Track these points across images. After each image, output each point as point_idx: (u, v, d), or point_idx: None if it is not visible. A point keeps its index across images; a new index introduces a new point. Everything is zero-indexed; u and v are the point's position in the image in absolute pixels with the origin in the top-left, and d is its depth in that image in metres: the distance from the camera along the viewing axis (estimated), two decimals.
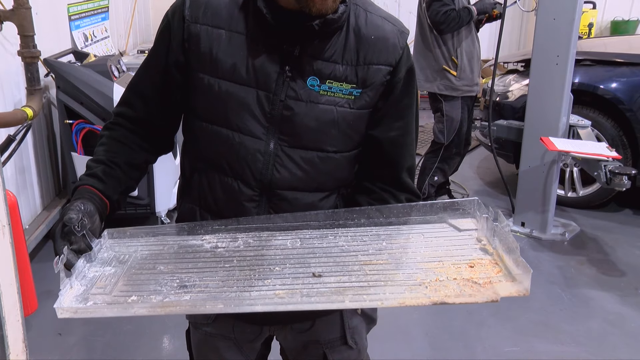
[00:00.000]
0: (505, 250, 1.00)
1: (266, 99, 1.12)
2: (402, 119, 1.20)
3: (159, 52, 1.18)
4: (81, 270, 1.00)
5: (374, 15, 1.16)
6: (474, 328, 2.78)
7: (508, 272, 0.96)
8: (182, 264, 1.05)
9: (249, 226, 1.13)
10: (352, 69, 1.13)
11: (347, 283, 0.96)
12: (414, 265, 1.01)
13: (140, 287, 0.99)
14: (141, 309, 0.93)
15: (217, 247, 1.09)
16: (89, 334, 2.67)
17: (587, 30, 6.85)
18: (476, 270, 0.98)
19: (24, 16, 2.94)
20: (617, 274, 3.30)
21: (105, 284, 0.99)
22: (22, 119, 2.90)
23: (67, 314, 0.93)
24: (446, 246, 1.07)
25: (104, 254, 1.07)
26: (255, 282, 0.98)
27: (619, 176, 3.21)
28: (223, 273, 1.01)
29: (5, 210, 0.98)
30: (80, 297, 0.96)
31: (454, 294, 0.92)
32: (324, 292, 0.94)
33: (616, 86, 3.92)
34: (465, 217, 1.14)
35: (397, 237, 1.10)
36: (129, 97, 1.24)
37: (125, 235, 1.13)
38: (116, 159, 1.18)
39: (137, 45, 5.42)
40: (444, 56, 3.80)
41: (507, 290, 0.92)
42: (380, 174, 1.23)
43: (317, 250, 1.07)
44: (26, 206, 3.29)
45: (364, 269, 1.00)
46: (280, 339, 1.36)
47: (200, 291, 0.96)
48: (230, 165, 1.16)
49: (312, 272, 0.99)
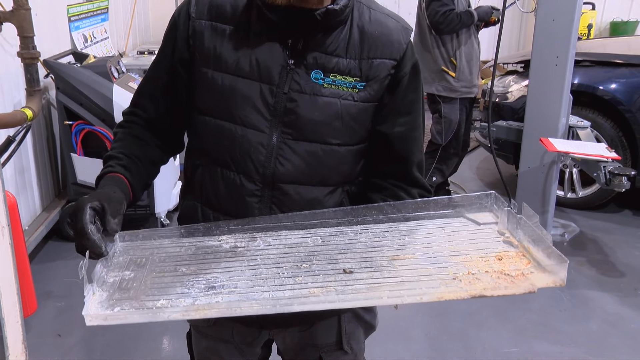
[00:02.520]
0: (530, 242, 1.00)
1: (269, 92, 1.13)
2: (409, 114, 1.21)
3: (166, 51, 1.20)
4: (100, 276, 0.97)
5: (378, 12, 1.18)
6: (473, 329, 2.78)
7: (538, 264, 0.96)
8: (204, 264, 1.02)
9: (266, 225, 1.12)
10: (356, 63, 1.14)
11: (381, 279, 0.95)
12: (443, 260, 1.00)
13: (167, 290, 0.95)
14: (174, 313, 0.90)
15: (236, 246, 1.08)
16: (88, 335, 2.67)
17: (586, 31, 6.86)
18: (505, 263, 0.98)
19: (23, 17, 2.94)
20: (616, 275, 3.30)
21: (127, 288, 0.96)
22: (22, 120, 2.90)
23: (96, 321, 0.90)
24: (469, 240, 1.06)
25: (119, 258, 1.05)
26: (285, 280, 0.96)
27: (618, 177, 3.22)
28: (250, 272, 0.99)
29: (5, 211, 0.98)
30: (106, 304, 0.92)
31: (491, 286, 0.92)
32: (360, 289, 0.93)
33: (615, 87, 3.93)
34: (483, 212, 1.14)
35: (419, 232, 1.10)
36: (139, 97, 1.26)
37: (137, 238, 1.11)
38: (136, 152, 1.20)
39: (137, 46, 5.41)
40: (442, 57, 3.80)
41: (543, 281, 0.92)
42: (390, 170, 1.23)
43: (340, 246, 1.05)
44: (26, 207, 3.29)
45: (394, 264, 0.99)
46: (278, 342, 1.36)
47: (230, 292, 0.94)
48: (233, 159, 1.16)
49: (342, 269, 0.98)
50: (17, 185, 3.21)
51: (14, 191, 3.07)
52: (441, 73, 3.80)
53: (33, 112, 2.98)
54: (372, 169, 1.25)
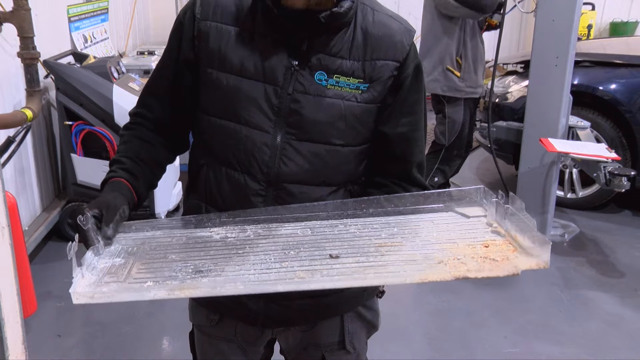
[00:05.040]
0: (518, 230, 1.01)
1: (274, 92, 1.14)
2: (410, 115, 1.21)
3: (171, 52, 1.22)
4: (90, 262, 0.99)
5: (381, 13, 1.19)
6: (473, 329, 2.79)
7: (524, 250, 0.97)
8: (193, 252, 1.04)
9: (257, 218, 1.13)
10: (359, 65, 1.15)
11: (366, 263, 0.97)
12: (430, 247, 1.01)
13: (155, 273, 0.98)
14: (159, 291, 0.92)
15: (226, 237, 1.10)
16: (88, 336, 2.67)
17: (586, 32, 6.86)
18: (491, 250, 0.99)
19: (23, 17, 2.94)
20: (616, 275, 3.30)
21: (117, 273, 0.98)
22: (22, 121, 2.90)
23: (83, 299, 0.92)
24: (458, 230, 1.08)
25: (110, 247, 1.07)
26: (272, 264, 0.97)
27: (618, 177, 3.22)
28: (238, 259, 1.00)
29: (5, 212, 0.98)
30: (94, 285, 0.94)
31: (475, 269, 0.93)
32: (345, 272, 0.94)
33: (615, 87, 3.93)
34: (472, 206, 1.15)
35: (407, 224, 1.11)
36: (145, 98, 1.28)
37: (130, 229, 1.13)
38: (141, 155, 1.22)
39: (137, 46, 5.41)
40: (449, 56, 3.77)
41: (526, 264, 0.93)
42: (391, 169, 1.24)
43: (329, 236, 1.07)
44: (25, 207, 3.29)
45: (380, 250, 1.01)
46: (281, 341, 1.36)
47: (217, 275, 0.95)
48: (237, 159, 1.17)
49: (329, 254, 0.99)
50: (17, 185, 3.21)
51: (14, 191, 3.07)
52: (446, 73, 3.78)
53: (33, 113, 2.98)
54: (373, 167, 1.26)
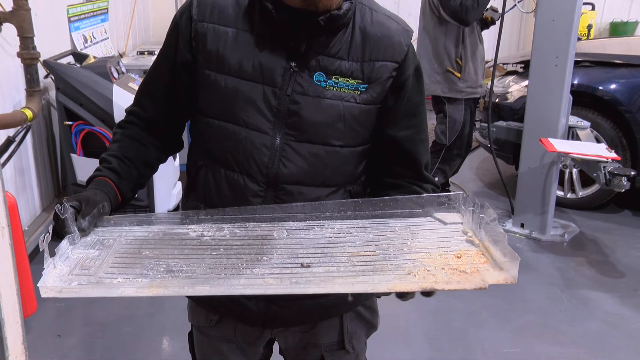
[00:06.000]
0: (491, 241, 1.01)
1: (272, 94, 1.14)
2: (415, 116, 1.22)
3: (168, 53, 1.21)
4: (64, 252, 1.00)
5: (379, 14, 1.19)
6: (473, 329, 2.79)
7: (495, 262, 0.97)
8: (167, 249, 1.04)
9: (235, 217, 1.13)
10: (358, 65, 1.15)
11: (336, 273, 0.97)
12: (402, 257, 1.01)
13: (126, 270, 0.98)
14: (128, 288, 0.92)
15: (202, 235, 1.09)
16: (88, 336, 2.67)
17: (586, 32, 6.87)
18: (463, 261, 0.99)
19: (23, 17, 2.94)
20: (616, 275, 3.30)
21: (89, 266, 0.98)
22: (22, 121, 2.90)
23: (51, 293, 0.93)
24: (433, 238, 1.08)
25: (87, 238, 1.07)
26: (243, 270, 0.97)
27: (618, 177, 3.22)
28: (210, 260, 1.01)
29: (5, 212, 0.98)
30: (64, 278, 0.95)
31: (443, 280, 0.93)
32: (313, 281, 0.94)
33: (615, 87, 3.93)
34: (451, 212, 1.15)
35: (384, 229, 1.11)
36: (140, 97, 1.28)
37: (109, 223, 1.14)
38: (130, 155, 1.22)
39: (137, 46, 5.41)
40: (448, 58, 3.77)
41: (494, 278, 0.93)
42: (402, 171, 1.25)
43: (304, 241, 1.07)
44: (25, 207, 3.29)
45: (352, 260, 1.01)
46: (280, 341, 1.36)
47: (187, 276, 0.96)
48: (236, 160, 1.17)
49: (300, 263, 0.99)
50: (17, 185, 3.21)
51: (14, 191, 3.07)
52: (446, 74, 3.77)
53: (33, 113, 2.98)
54: (383, 169, 1.26)
